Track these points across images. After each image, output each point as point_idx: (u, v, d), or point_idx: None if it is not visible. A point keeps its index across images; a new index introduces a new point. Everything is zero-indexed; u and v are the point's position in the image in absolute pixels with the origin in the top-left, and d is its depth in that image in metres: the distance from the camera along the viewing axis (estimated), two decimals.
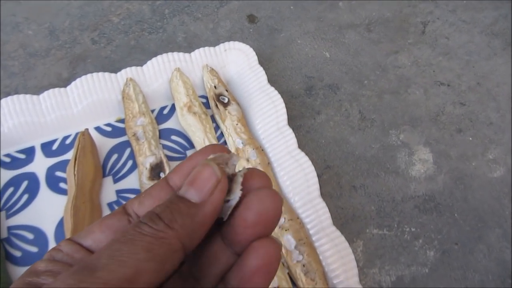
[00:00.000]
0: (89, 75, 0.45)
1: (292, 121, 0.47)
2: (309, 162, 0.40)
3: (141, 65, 0.47)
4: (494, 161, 0.46)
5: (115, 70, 0.50)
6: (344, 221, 0.42)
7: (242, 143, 0.42)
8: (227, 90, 0.46)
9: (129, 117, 0.44)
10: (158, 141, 0.43)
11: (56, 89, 0.44)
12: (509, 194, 0.44)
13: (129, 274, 0.16)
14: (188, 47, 0.53)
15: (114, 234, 0.20)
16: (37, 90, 0.49)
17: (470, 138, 0.47)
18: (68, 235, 0.37)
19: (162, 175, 0.40)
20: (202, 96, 0.47)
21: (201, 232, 0.19)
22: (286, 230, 0.38)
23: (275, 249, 0.19)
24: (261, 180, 0.20)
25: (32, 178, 0.42)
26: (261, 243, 0.19)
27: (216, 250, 0.20)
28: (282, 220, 0.38)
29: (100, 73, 0.45)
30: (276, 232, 0.38)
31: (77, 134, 0.44)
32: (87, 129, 0.41)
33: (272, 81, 0.50)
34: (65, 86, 0.45)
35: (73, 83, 0.45)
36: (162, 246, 0.17)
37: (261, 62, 0.48)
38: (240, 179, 0.19)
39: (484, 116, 0.49)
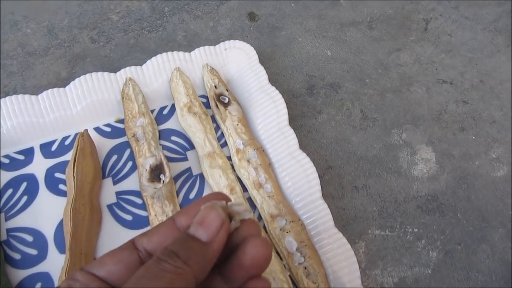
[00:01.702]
0: (88, 75, 0.44)
1: (293, 121, 0.47)
2: (311, 163, 0.40)
3: (141, 65, 0.46)
4: (497, 160, 0.46)
5: (114, 69, 0.49)
6: (346, 222, 0.42)
7: (242, 143, 0.42)
8: (227, 90, 0.45)
9: (129, 118, 0.44)
10: (158, 142, 0.43)
11: (55, 89, 0.44)
12: None
13: None
14: (188, 46, 0.52)
15: (127, 268, 0.22)
16: (36, 89, 0.48)
17: (473, 137, 0.47)
18: (67, 238, 0.36)
19: (162, 176, 0.40)
20: (203, 96, 0.47)
21: (209, 267, 0.22)
22: (287, 232, 0.37)
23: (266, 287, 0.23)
24: (254, 228, 0.24)
25: (31, 180, 0.42)
26: (254, 281, 0.23)
27: (217, 286, 0.23)
28: (283, 222, 0.38)
29: (99, 73, 0.45)
30: (277, 234, 0.38)
31: (76, 134, 0.44)
32: (86, 130, 0.41)
33: (273, 80, 0.49)
34: (64, 85, 0.44)
35: (72, 83, 0.44)
36: (182, 281, 0.20)
37: (261, 61, 0.47)
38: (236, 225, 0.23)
39: (487, 115, 0.49)
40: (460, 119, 0.48)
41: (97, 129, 0.45)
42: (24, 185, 0.41)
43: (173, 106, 0.46)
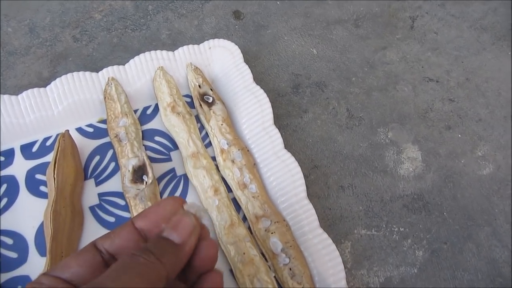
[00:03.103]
0: (69, 75, 0.44)
1: (279, 120, 0.46)
2: (296, 163, 0.40)
3: (124, 64, 0.46)
4: (483, 158, 0.46)
5: (97, 68, 0.49)
6: (332, 222, 0.41)
7: (227, 143, 0.42)
8: (211, 89, 0.45)
9: (111, 118, 0.43)
10: (141, 142, 0.42)
11: (36, 89, 0.43)
12: (498, 192, 0.44)
13: None
14: (172, 45, 0.51)
15: (91, 269, 0.24)
16: (17, 89, 0.47)
17: (459, 135, 0.47)
18: (48, 241, 0.36)
19: (145, 177, 0.39)
20: (187, 96, 0.46)
21: (180, 268, 0.24)
22: (272, 233, 0.37)
23: (219, 276, 0.26)
24: (204, 232, 0.27)
25: (11, 181, 0.41)
26: (207, 276, 0.26)
27: (175, 286, 0.26)
28: (268, 222, 0.38)
29: (81, 73, 0.44)
30: (262, 235, 0.37)
31: (58, 135, 0.43)
32: (67, 131, 0.40)
33: (258, 79, 0.49)
34: (45, 85, 0.44)
35: (53, 83, 0.43)
36: (154, 274, 0.22)
37: (247, 60, 0.47)
38: None
39: (473, 113, 0.48)
40: (446, 117, 0.48)
41: (79, 130, 0.44)
42: (4, 187, 0.41)
43: (156, 106, 0.45)
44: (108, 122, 0.43)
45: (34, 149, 0.43)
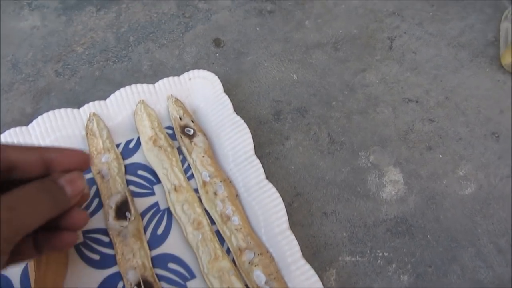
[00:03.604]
0: (50, 112, 0.44)
1: (261, 148, 0.47)
2: (277, 194, 0.40)
3: (106, 97, 0.46)
4: (465, 177, 0.46)
5: (79, 102, 0.49)
6: (316, 250, 0.41)
7: (209, 176, 0.42)
8: (192, 121, 0.45)
9: (94, 154, 0.43)
10: (123, 177, 0.43)
11: (18, 128, 0.43)
12: (481, 211, 0.44)
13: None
14: (154, 76, 0.52)
15: None
16: (1, 127, 0.48)
17: (440, 156, 0.47)
18: (32, 282, 0.36)
19: (128, 214, 0.39)
20: (169, 127, 0.47)
21: (55, 213, 0.30)
22: (256, 266, 0.37)
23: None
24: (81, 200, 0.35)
25: None
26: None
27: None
28: (251, 255, 0.38)
29: (62, 110, 0.44)
30: (246, 268, 0.38)
31: None
32: None
33: (239, 107, 0.49)
34: (28, 122, 0.44)
35: (34, 121, 0.44)
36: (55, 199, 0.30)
37: (228, 88, 0.47)
38: None
39: (453, 132, 0.49)
40: (426, 138, 0.48)
41: None
42: None
43: (139, 139, 0.46)
44: (91, 159, 0.43)
45: None
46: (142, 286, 0.36)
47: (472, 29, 0.58)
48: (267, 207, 0.40)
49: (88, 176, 0.43)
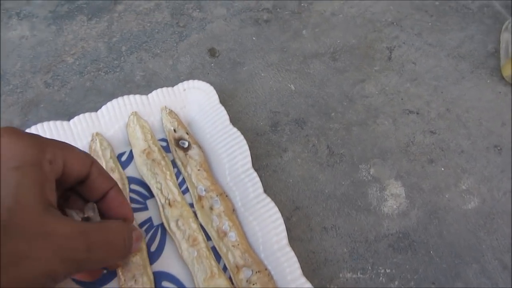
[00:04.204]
0: (39, 125, 0.42)
1: (258, 161, 0.45)
2: (276, 208, 0.38)
3: (97, 109, 0.44)
4: (467, 191, 0.45)
5: (70, 114, 0.47)
6: (316, 266, 0.40)
7: (204, 190, 0.40)
8: (187, 133, 0.44)
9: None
10: (128, 196, 0.41)
11: None
12: (484, 226, 0.43)
13: None
14: (147, 86, 0.50)
15: None
16: None
17: (442, 169, 0.46)
18: None
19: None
20: (163, 139, 0.45)
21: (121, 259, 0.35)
22: (254, 284, 0.35)
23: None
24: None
25: None
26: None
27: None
28: (249, 272, 0.36)
29: (51, 122, 0.43)
30: (244, 286, 0.36)
31: None
32: None
33: (236, 118, 0.48)
34: None
35: None
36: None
37: (223, 99, 0.46)
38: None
39: (455, 144, 0.48)
40: (428, 151, 0.47)
41: None
42: None
43: (131, 152, 0.44)
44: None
45: None
46: None
47: (472, 40, 0.57)
48: (266, 223, 0.38)
49: None
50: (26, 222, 0.25)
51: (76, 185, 0.32)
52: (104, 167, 0.41)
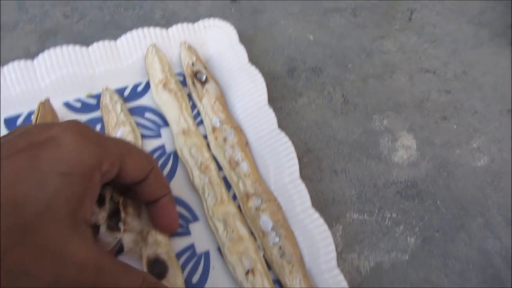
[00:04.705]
0: (58, 48, 0.42)
1: (273, 103, 0.45)
2: (289, 143, 0.39)
3: (115, 40, 0.44)
4: (478, 150, 0.45)
5: (88, 45, 0.47)
6: (324, 205, 0.40)
7: (219, 122, 0.40)
8: (205, 68, 0.44)
9: (108, 130, 0.41)
10: (141, 146, 0.41)
11: (22, 61, 0.42)
12: (492, 184, 0.43)
13: None
14: (166, 25, 0.50)
15: None
16: (3, 64, 0.46)
17: (455, 126, 0.46)
18: None
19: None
20: (179, 74, 0.45)
21: None
22: (263, 211, 0.36)
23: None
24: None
25: None
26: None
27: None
28: (258, 201, 0.37)
29: (70, 46, 0.42)
30: (252, 214, 0.36)
31: None
32: (47, 99, 0.39)
33: (253, 62, 0.47)
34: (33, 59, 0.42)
35: (40, 56, 0.42)
36: None
37: (242, 42, 0.46)
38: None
39: (469, 105, 0.48)
40: (442, 108, 0.47)
41: (67, 104, 0.42)
42: None
43: (147, 83, 0.44)
44: (106, 133, 0.41)
45: (19, 122, 0.41)
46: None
47: (493, 10, 0.57)
48: (279, 156, 0.38)
49: (94, 115, 0.42)
50: (47, 235, 0.22)
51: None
52: (115, 121, 0.41)
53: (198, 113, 0.43)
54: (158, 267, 0.32)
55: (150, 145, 0.41)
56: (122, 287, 0.25)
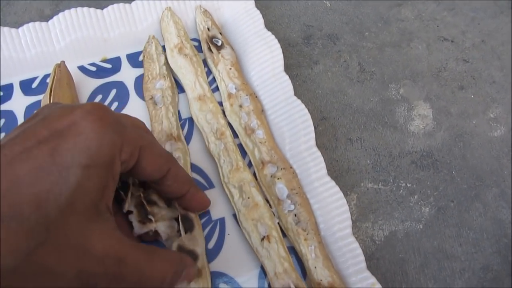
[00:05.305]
0: (72, 10, 0.42)
1: (289, 70, 0.45)
2: (305, 110, 0.38)
3: (130, 3, 0.44)
4: (495, 120, 0.44)
5: (102, 8, 0.47)
6: (339, 173, 0.40)
7: (235, 88, 0.40)
8: (221, 33, 0.43)
9: (148, 79, 0.41)
10: (176, 107, 0.40)
11: (37, 23, 0.41)
12: (508, 154, 0.43)
13: None
14: None
15: None
16: (17, 26, 0.45)
17: (472, 96, 0.46)
18: None
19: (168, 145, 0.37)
20: (194, 40, 0.45)
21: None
22: (278, 179, 0.36)
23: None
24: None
25: (10, 116, 0.39)
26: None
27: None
28: (274, 169, 0.37)
29: (85, 8, 0.42)
30: (267, 181, 0.36)
31: None
32: (63, 62, 0.39)
33: (268, 28, 0.47)
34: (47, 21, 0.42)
35: (55, 18, 0.42)
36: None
37: (257, 7, 0.45)
38: None
39: (487, 74, 0.47)
40: (459, 78, 0.47)
41: (81, 68, 0.42)
42: (2, 121, 0.39)
43: (163, 47, 0.44)
44: (145, 83, 0.41)
45: (34, 85, 0.41)
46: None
47: None
48: (295, 123, 0.38)
49: (108, 79, 0.42)
50: (69, 231, 0.22)
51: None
52: (157, 71, 0.41)
53: (214, 80, 0.42)
54: (187, 223, 0.33)
55: None
56: (148, 276, 0.25)
